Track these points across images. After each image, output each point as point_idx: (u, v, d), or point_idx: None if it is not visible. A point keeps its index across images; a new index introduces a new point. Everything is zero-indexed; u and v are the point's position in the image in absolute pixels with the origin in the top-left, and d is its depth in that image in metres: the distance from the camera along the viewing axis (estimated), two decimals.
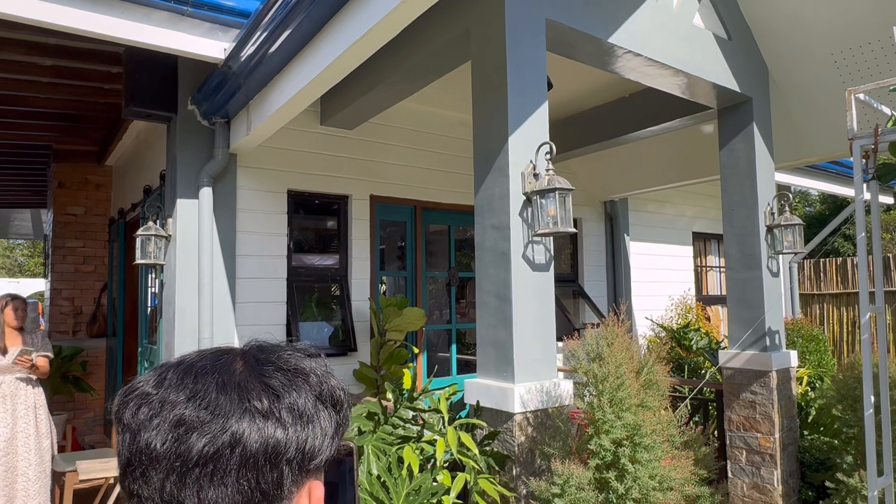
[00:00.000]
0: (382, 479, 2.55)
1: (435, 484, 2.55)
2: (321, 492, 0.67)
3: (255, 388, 0.63)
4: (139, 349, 5.38)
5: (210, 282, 4.22)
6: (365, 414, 2.86)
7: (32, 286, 20.44)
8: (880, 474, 2.77)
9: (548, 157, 2.91)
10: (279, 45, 3.12)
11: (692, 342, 6.17)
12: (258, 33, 3.17)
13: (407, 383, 4.01)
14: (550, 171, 2.86)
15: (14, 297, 4.40)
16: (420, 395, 2.89)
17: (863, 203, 2.25)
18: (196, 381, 0.63)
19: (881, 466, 2.93)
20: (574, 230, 2.87)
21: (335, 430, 0.68)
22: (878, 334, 2.28)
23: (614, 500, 2.02)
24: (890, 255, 10.02)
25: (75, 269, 7.12)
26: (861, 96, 2.38)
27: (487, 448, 2.77)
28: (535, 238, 2.93)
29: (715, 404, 4.60)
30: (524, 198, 2.91)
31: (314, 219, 5.11)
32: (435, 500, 2.57)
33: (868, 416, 2.15)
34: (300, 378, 0.67)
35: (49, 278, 7.31)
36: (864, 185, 2.53)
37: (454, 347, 5.79)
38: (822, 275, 10.95)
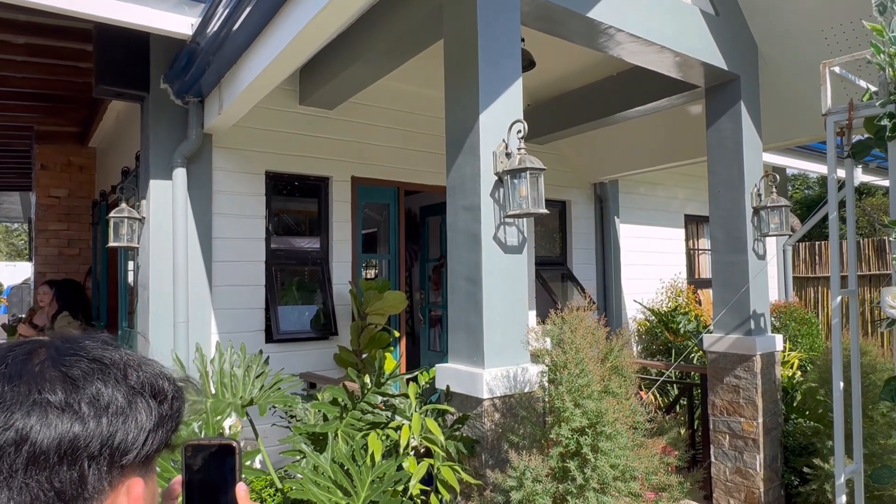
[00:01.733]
0: (346, 467, 2.50)
1: (400, 471, 2.49)
2: (140, 489, 0.61)
3: (51, 379, 0.57)
4: (119, 333, 5.33)
5: (185, 265, 4.15)
6: (329, 400, 2.80)
7: (28, 270, 20.40)
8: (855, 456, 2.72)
9: (520, 135, 2.81)
10: (244, 19, 3.01)
11: (680, 325, 6.11)
12: (222, 8, 3.06)
13: (389, 367, 3.95)
14: (522, 151, 2.77)
15: None
16: (387, 379, 2.82)
17: (835, 182, 2.16)
18: None
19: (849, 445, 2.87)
20: (546, 211, 2.78)
21: (157, 422, 0.62)
22: (851, 318, 2.20)
23: (574, 491, 1.96)
24: (885, 238, 9.93)
25: (59, 253, 7.05)
26: (836, 69, 2.28)
27: (457, 433, 2.71)
28: (507, 219, 2.84)
29: (700, 388, 4.55)
30: (496, 178, 2.82)
31: (294, 201, 5.02)
32: (400, 487, 2.52)
33: (836, 401, 2.08)
34: (109, 367, 0.61)
35: (33, 262, 7.24)
36: (846, 164, 2.43)
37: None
38: (817, 258, 10.88)
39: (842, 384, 2.08)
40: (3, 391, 0.55)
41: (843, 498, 2.05)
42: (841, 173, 2.73)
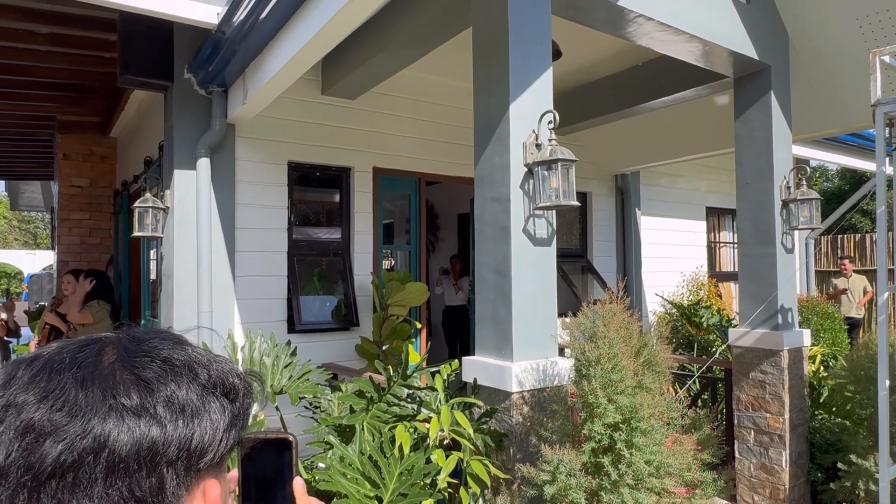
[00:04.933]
0: (375, 460, 2.49)
1: (428, 464, 2.48)
2: (217, 491, 0.59)
3: (124, 382, 0.54)
4: (142, 322, 5.37)
5: (209, 255, 4.16)
6: (355, 391, 2.79)
7: (49, 258, 20.65)
8: (893, 457, 2.67)
9: (551, 126, 2.77)
10: (271, 8, 2.99)
11: (703, 319, 6.04)
12: None
13: (413, 359, 3.94)
14: (553, 142, 2.73)
15: None
16: (413, 372, 2.81)
17: (884, 176, 2.10)
18: (51, 377, 0.54)
19: (894, 449, 2.82)
20: (577, 203, 2.74)
21: (230, 421, 0.60)
22: (894, 316, 2.16)
23: (608, 486, 1.94)
24: None
25: (81, 242, 7.11)
26: (886, 59, 2.21)
27: (484, 426, 2.70)
28: (537, 211, 2.80)
29: (723, 383, 4.50)
30: (525, 169, 2.79)
31: (316, 191, 5.02)
32: (428, 480, 2.51)
33: (882, 400, 2.03)
34: (181, 367, 0.59)
35: (56, 250, 7.31)
36: (887, 159, 2.37)
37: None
38: (839, 251, 10.73)
39: (888, 382, 2.04)
40: (78, 397, 0.52)
41: (888, 499, 2.00)
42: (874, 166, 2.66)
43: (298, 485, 0.73)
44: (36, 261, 23.29)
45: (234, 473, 0.74)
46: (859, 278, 8.99)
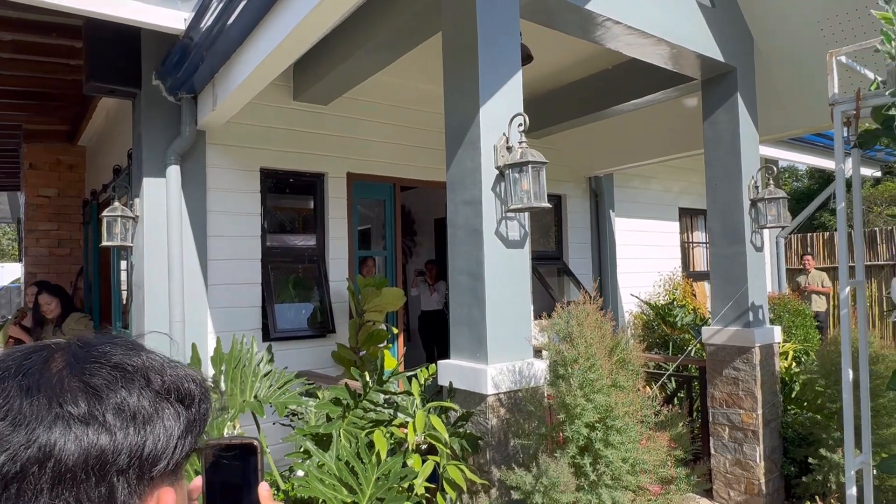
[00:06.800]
0: (352, 465, 2.47)
1: (405, 468, 2.47)
2: (172, 499, 0.58)
3: (71, 390, 0.53)
4: (113, 333, 5.26)
5: (180, 263, 4.09)
6: (331, 399, 2.77)
7: (16, 271, 20.13)
8: (860, 447, 2.73)
9: (521, 129, 2.79)
10: (239, 13, 2.96)
11: (677, 318, 6.12)
12: (216, 2, 3.01)
13: (389, 365, 3.92)
14: (523, 144, 2.74)
15: None
16: (389, 377, 2.80)
17: (843, 173, 2.16)
18: None
19: (859, 440, 2.88)
20: (549, 205, 2.76)
21: (186, 427, 0.59)
22: (858, 308, 2.21)
23: (586, 487, 1.95)
24: (877, 228, 10.02)
25: (50, 253, 6.96)
26: (843, 59, 2.27)
27: (461, 430, 2.70)
28: (509, 214, 2.82)
29: (698, 381, 4.56)
30: (497, 172, 2.80)
31: (289, 198, 4.98)
32: (405, 485, 2.50)
33: (846, 392, 2.08)
34: (133, 373, 0.57)
35: (23, 262, 7.14)
36: (849, 158, 2.43)
37: None
38: (809, 249, 10.96)
39: (851, 374, 2.08)
40: (22, 405, 0.51)
41: (854, 489, 2.05)
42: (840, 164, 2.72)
43: (264, 490, 0.72)
44: (4, 273, 22.68)
45: (198, 481, 0.72)
46: (818, 274, 9.27)
